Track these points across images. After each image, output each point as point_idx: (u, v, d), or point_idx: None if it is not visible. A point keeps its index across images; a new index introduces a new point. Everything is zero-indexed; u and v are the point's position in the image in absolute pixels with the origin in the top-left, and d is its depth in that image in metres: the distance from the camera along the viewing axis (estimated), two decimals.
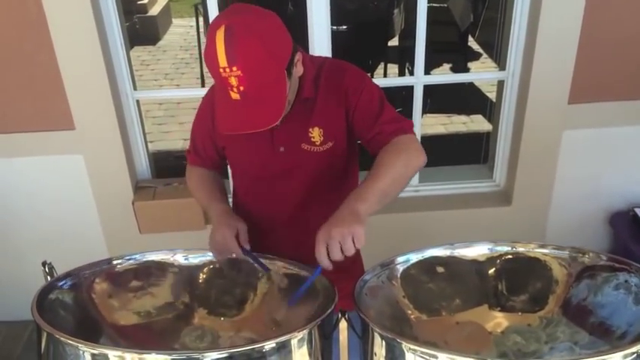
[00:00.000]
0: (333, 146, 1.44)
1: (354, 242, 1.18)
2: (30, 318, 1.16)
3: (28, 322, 1.55)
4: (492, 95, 3.38)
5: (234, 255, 1.45)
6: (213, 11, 2.30)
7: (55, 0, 2.11)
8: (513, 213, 2.57)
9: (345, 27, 3.54)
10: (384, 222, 2.53)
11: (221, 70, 1.20)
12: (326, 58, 1.52)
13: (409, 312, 1.39)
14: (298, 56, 1.33)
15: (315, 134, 1.42)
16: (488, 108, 3.96)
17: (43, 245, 2.46)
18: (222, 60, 1.18)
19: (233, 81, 1.20)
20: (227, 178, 1.80)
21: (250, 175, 1.56)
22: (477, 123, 4.33)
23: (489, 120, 3.60)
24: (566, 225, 2.58)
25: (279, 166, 1.48)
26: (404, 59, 4.40)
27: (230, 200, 1.67)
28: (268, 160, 1.48)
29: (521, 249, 1.44)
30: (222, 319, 1.46)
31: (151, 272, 1.50)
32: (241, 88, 1.21)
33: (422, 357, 1.06)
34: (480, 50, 5.16)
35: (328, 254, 1.20)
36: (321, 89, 1.42)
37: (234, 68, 1.19)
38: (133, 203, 2.44)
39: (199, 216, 2.44)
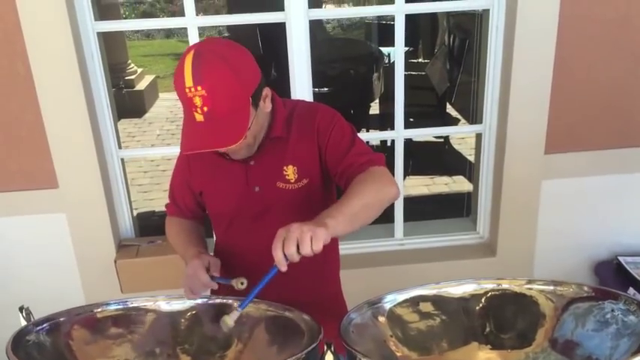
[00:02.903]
0: (308, 183, 1.46)
1: (312, 243, 1.15)
2: None
3: None
4: (473, 158, 3.45)
5: (203, 292, 1.43)
6: None
7: (43, 62, 2.16)
8: (498, 264, 2.57)
9: (326, 89, 3.68)
10: (369, 275, 2.51)
11: (187, 89, 1.24)
12: (298, 100, 1.57)
13: (397, 351, 1.36)
14: (267, 91, 1.37)
15: (290, 172, 1.44)
16: (468, 169, 4.03)
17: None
18: (189, 79, 1.23)
19: (197, 101, 1.24)
20: (210, 236, 1.81)
21: (227, 217, 1.56)
22: (459, 183, 4.39)
23: (470, 180, 3.68)
24: (552, 275, 2.56)
25: (256, 206, 1.48)
26: (385, 125, 4.54)
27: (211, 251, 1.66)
28: (244, 200, 1.48)
29: (505, 285, 1.45)
30: None
31: (131, 319, 1.47)
32: (205, 109, 1.25)
33: None
34: (459, 116, 5.33)
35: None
36: (293, 129, 1.45)
37: (199, 88, 1.23)
38: (115, 262, 2.40)
39: (182, 273, 2.39)
